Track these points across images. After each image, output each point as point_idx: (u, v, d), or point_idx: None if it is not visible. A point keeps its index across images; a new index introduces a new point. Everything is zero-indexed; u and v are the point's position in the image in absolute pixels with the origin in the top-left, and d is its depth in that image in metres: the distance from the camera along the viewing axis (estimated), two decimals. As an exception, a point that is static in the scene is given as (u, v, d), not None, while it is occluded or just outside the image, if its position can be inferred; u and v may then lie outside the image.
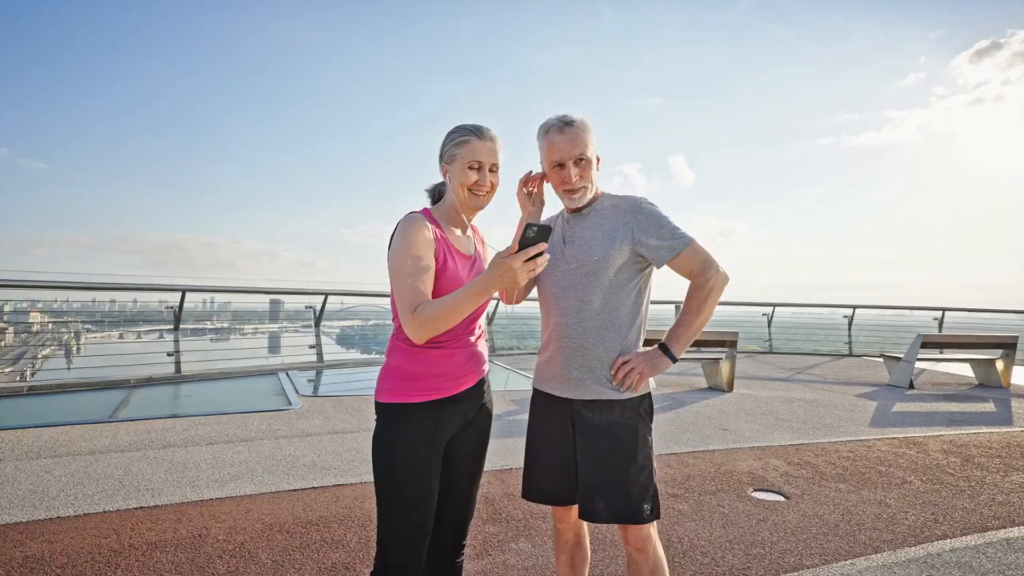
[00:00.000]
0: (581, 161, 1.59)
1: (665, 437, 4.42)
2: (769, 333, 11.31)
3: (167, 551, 2.39)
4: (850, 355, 10.75)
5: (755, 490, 3.31)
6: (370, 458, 1.48)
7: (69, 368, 9.30)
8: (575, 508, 1.64)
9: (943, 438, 4.60)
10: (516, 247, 1.21)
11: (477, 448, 1.60)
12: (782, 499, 3.18)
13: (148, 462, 3.51)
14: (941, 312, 11.38)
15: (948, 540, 2.68)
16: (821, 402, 6.06)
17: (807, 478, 3.53)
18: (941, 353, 8.31)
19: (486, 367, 1.62)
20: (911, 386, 7.09)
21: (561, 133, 1.58)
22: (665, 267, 1.60)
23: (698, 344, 6.99)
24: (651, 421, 1.62)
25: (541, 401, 1.71)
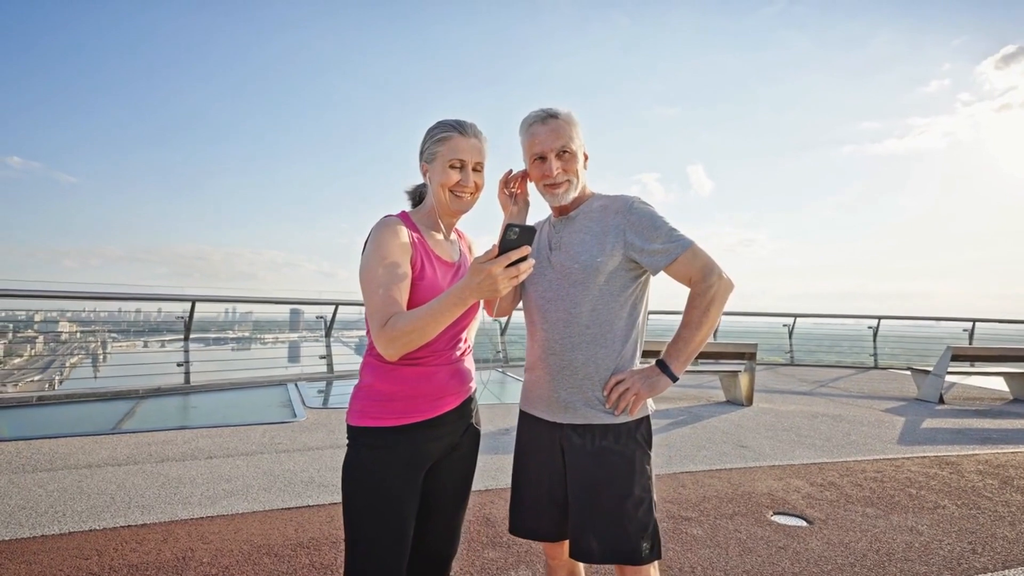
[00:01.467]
0: (564, 154, 1.45)
1: (680, 454, 4.22)
2: (790, 344, 10.99)
3: (148, 575, 2.27)
4: (875, 367, 10.38)
5: (775, 514, 3.10)
6: None
7: (96, 376, 9.37)
8: (568, 543, 1.48)
9: (978, 457, 4.33)
10: (496, 251, 1.07)
11: (462, 476, 1.46)
12: (804, 524, 2.97)
13: (143, 476, 3.41)
14: (971, 323, 10.94)
15: (989, 574, 2.45)
16: (846, 417, 5.79)
17: (831, 501, 3.31)
18: (972, 366, 7.96)
19: (473, 385, 1.48)
20: (941, 401, 6.77)
21: (544, 124, 1.45)
22: (663, 274, 1.45)
23: (716, 356, 6.77)
24: (650, 448, 1.45)
25: (528, 425, 1.55)
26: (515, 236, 1.07)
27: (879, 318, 10.94)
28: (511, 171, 1.57)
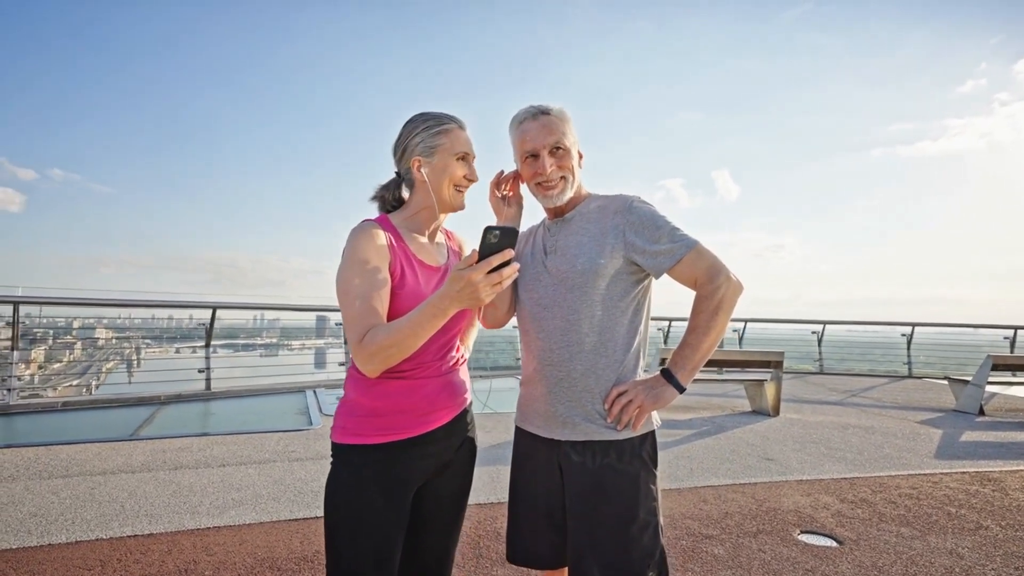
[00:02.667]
0: (558, 150, 1.36)
1: (702, 467, 4.06)
2: (820, 352, 10.65)
3: (149, 587, 2.23)
4: (910, 376, 10.00)
5: (802, 532, 2.94)
6: None
7: (130, 382, 9.57)
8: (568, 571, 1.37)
9: (1023, 474, 4.07)
10: (476, 256, 0.99)
11: (455, 496, 1.36)
12: (834, 544, 2.80)
13: (155, 484, 3.40)
14: (1013, 331, 10.45)
15: (1038, 604, 2.26)
16: (878, 429, 5.54)
17: (863, 519, 3.12)
18: (1014, 376, 7.58)
19: (468, 398, 1.39)
20: (981, 412, 6.44)
21: (535, 120, 1.36)
22: (666, 277, 1.34)
23: (741, 364, 6.56)
24: (656, 466, 1.34)
25: (525, 442, 1.45)
26: (496, 239, 0.99)
27: (913, 325, 10.54)
28: (502, 172, 1.48)
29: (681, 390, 1.30)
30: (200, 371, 6.83)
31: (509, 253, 1.00)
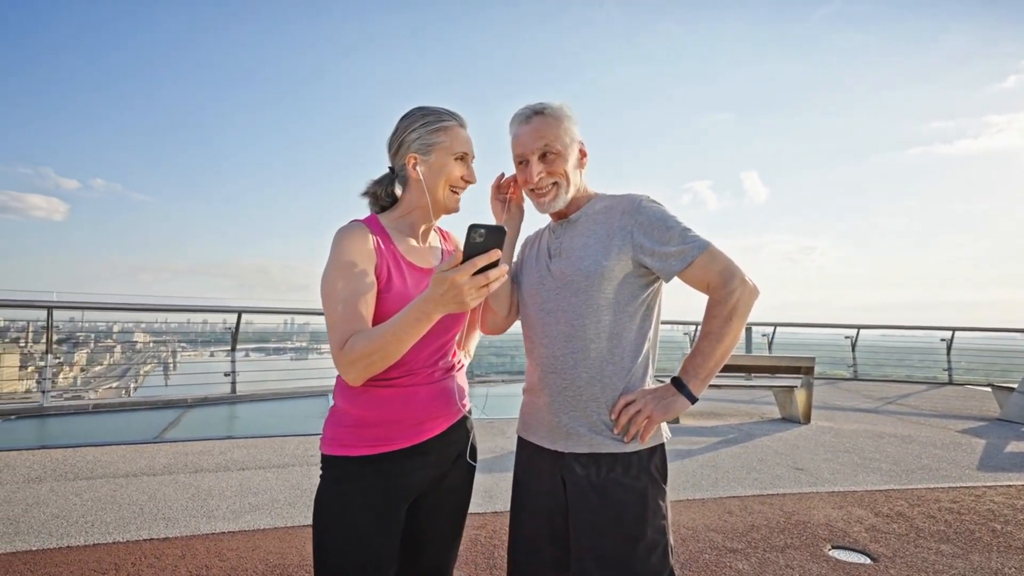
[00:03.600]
0: (548, 155, 1.29)
1: (727, 476, 3.92)
2: (853, 357, 10.30)
3: (161, 592, 2.22)
4: (950, 383, 9.59)
5: (833, 547, 2.79)
6: None
7: (166, 384, 9.81)
8: None
9: (1075, 488, 3.83)
10: (460, 257, 0.93)
11: (452, 509, 1.30)
12: (868, 561, 2.65)
13: (175, 488, 3.42)
14: (1061, 335, 9.96)
15: (1094, 631, 2.09)
16: (916, 438, 5.29)
17: (900, 535, 2.96)
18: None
19: (465, 405, 1.33)
20: (1028, 421, 6.12)
21: (526, 124, 1.30)
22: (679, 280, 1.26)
23: (770, 370, 6.36)
24: (665, 482, 1.26)
25: (526, 454, 1.38)
26: (481, 239, 0.92)
27: (953, 329, 10.11)
28: (503, 174, 1.43)
29: (693, 400, 1.22)
30: (226, 375, 6.94)
31: (496, 254, 0.93)
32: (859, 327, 10.51)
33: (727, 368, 6.13)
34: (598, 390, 1.25)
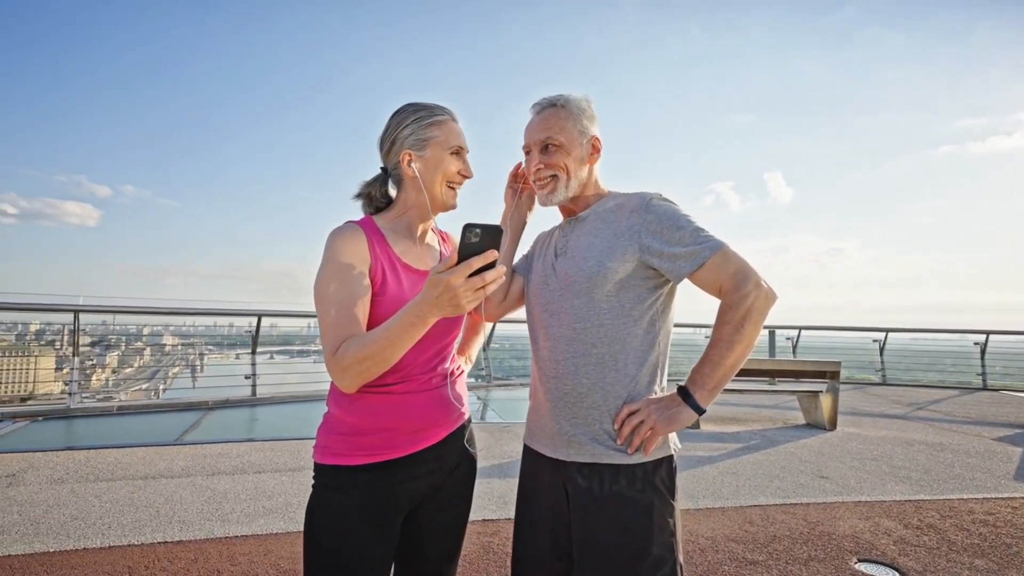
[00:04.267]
0: (549, 147, 1.26)
1: (749, 484, 3.81)
2: (881, 361, 10.01)
3: (172, 597, 2.22)
4: (984, 388, 9.27)
5: (859, 561, 2.68)
6: None
7: (194, 386, 9.99)
8: None
9: (1120, 500, 3.64)
10: (455, 258, 0.89)
11: (451, 521, 1.26)
12: (896, 576, 2.54)
13: (192, 490, 3.45)
14: (1103, 339, 9.55)
15: None
16: (948, 446, 5.10)
17: (930, 548, 2.83)
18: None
19: (464, 413, 1.29)
20: (1068, 429, 5.86)
21: (538, 115, 1.28)
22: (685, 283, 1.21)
23: (794, 375, 6.20)
24: (673, 496, 1.19)
25: (530, 461, 1.33)
26: (477, 239, 0.88)
27: (987, 333, 9.76)
28: (520, 164, 1.39)
29: (700, 412, 1.15)
30: (247, 377, 7.01)
31: (492, 255, 0.89)
32: (888, 330, 10.21)
33: (749, 372, 5.99)
34: (599, 397, 1.19)
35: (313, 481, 1.17)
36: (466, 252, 0.89)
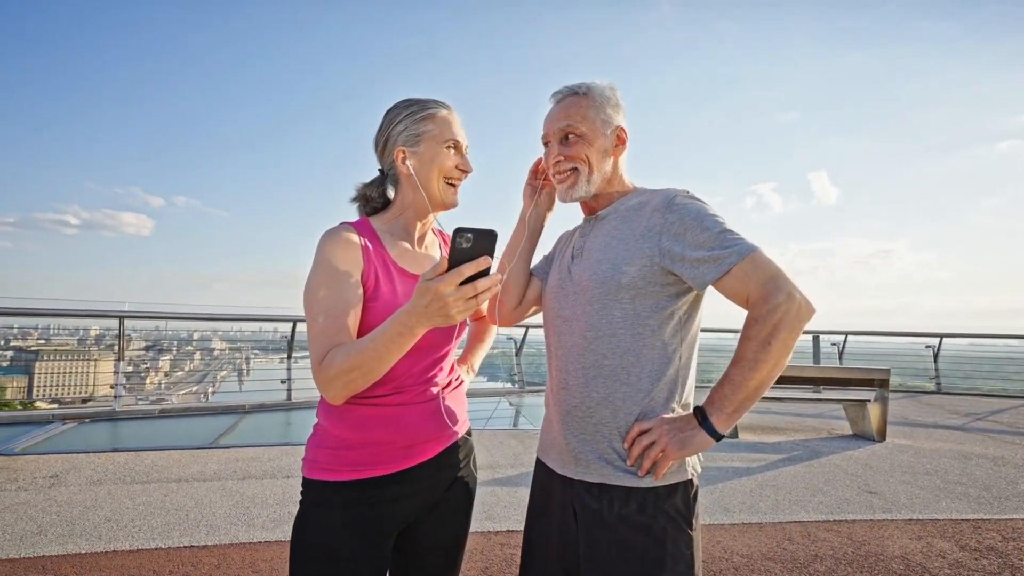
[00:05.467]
0: (570, 137, 1.17)
1: (789, 498, 3.62)
2: (936, 369, 9.48)
3: (193, 602, 2.22)
4: (1052, 398, 8.65)
5: (910, 585, 2.49)
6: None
7: (240, 390, 10.29)
8: None
9: None
10: (445, 264, 0.82)
11: (446, 541, 1.19)
12: (951, 603, 2.35)
13: (222, 494, 3.49)
14: None
15: None
16: (1011, 460, 4.75)
17: (991, 573, 2.61)
18: None
19: (461, 427, 1.21)
20: None
21: (558, 104, 1.19)
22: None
23: (840, 383, 5.90)
24: (691, 525, 1.08)
25: (541, 477, 1.25)
26: (468, 243, 0.82)
27: (1055, 338, 9.15)
28: (541, 159, 1.31)
29: (716, 437, 1.04)
30: (282, 382, 7.14)
31: (485, 261, 0.82)
32: (942, 335, 9.68)
33: (792, 380, 5.73)
34: (608, 414, 1.10)
35: (300, 496, 1.12)
36: (456, 258, 0.82)
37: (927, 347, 9.71)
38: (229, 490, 3.57)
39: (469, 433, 1.26)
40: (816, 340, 9.68)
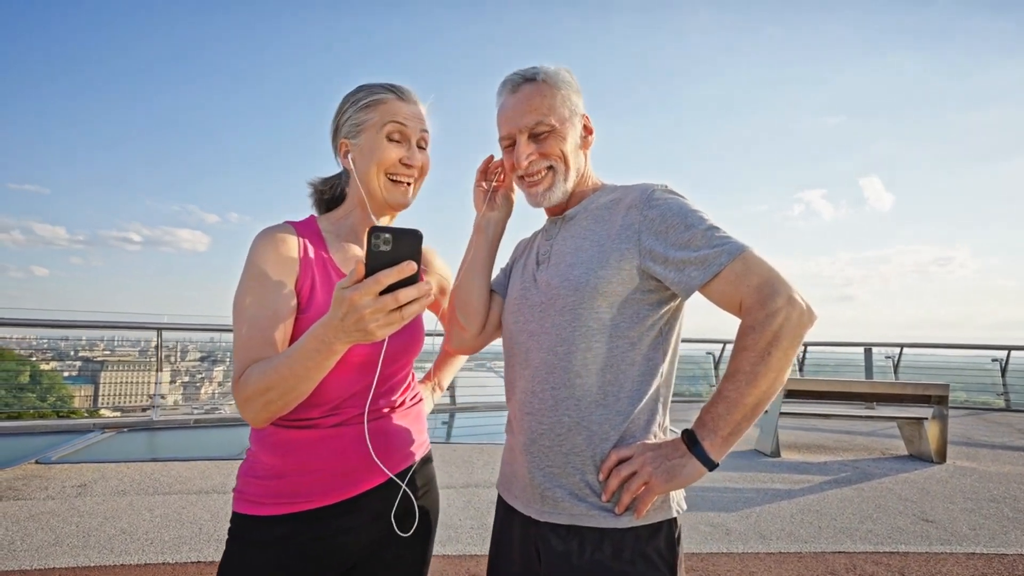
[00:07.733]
0: (541, 134, 1.03)
1: (834, 526, 3.32)
2: (1004, 384, 8.77)
3: (189, 623, 2.16)
4: None
5: (973, 631, 2.20)
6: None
7: None
8: None
9: None
10: (362, 270, 0.70)
11: None
12: (1022, 655, 2.05)
13: (238, 507, 3.46)
14: None
15: None
16: (1092, 487, 4.27)
17: (1069, 619, 2.29)
18: None
19: (415, 453, 1.07)
20: None
21: (514, 94, 1.05)
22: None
23: (893, 399, 5.49)
24: (675, 572, 0.92)
25: (501, 515, 1.10)
26: (388, 247, 0.69)
27: None
28: (492, 157, 1.17)
29: (710, 466, 0.88)
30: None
31: (409, 267, 0.69)
32: (1010, 348, 8.97)
33: (840, 395, 5.35)
34: (582, 440, 0.95)
35: (228, 534, 1.00)
36: (374, 263, 0.70)
37: (993, 360, 9.03)
38: (246, 503, 3.54)
39: (429, 457, 1.12)
40: (868, 352, 9.14)
